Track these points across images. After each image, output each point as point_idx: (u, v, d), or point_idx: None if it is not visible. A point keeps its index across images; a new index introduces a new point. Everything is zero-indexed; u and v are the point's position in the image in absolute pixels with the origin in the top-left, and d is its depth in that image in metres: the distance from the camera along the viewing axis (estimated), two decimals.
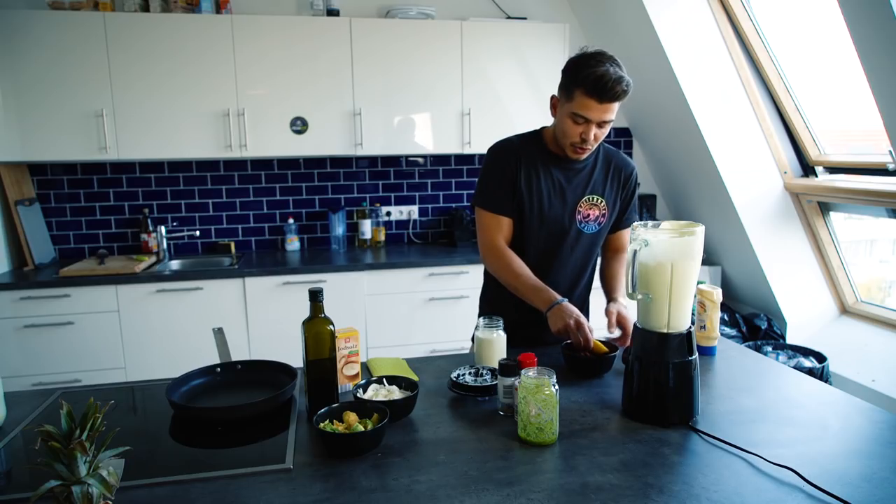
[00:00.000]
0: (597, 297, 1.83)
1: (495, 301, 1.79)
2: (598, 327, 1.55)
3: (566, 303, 1.52)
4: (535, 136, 1.72)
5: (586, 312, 1.84)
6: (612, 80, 1.48)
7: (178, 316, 2.99)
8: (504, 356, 1.46)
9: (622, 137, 4.03)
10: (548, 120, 1.71)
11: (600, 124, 1.55)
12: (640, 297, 1.23)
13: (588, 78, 1.49)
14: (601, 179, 1.71)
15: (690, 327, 1.23)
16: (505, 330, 1.49)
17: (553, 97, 1.64)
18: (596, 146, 1.67)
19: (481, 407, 1.31)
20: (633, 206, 1.81)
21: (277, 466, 1.06)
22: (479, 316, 1.84)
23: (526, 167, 1.66)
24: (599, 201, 1.71)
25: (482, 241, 1.71)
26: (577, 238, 1.71)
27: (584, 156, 1.63)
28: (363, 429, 1.12)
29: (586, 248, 1.75)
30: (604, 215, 1.73)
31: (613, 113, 1.55)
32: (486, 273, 1.85)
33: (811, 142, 3.06)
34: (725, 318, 3.32)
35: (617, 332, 1.60)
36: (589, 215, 1.71)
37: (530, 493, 0.97)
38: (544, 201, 1.66)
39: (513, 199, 1.67)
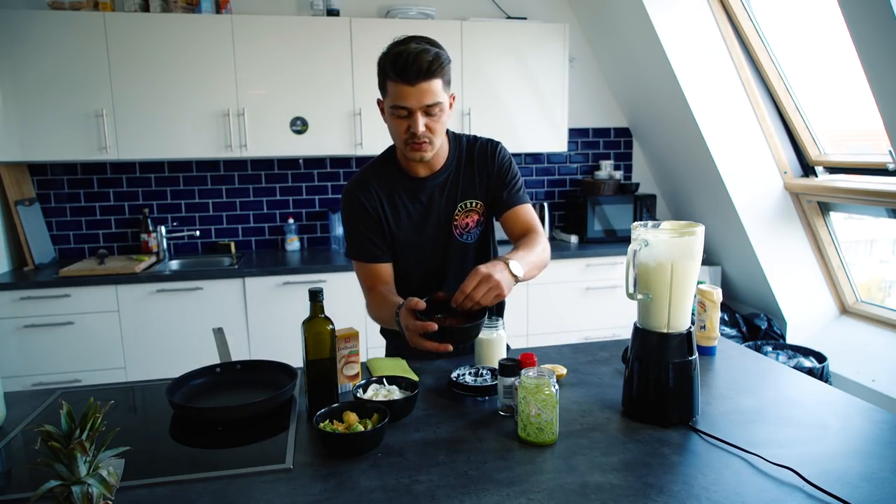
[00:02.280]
0: (601, 296, 1.83)
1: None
2: (600, 326, 1.54)
3: (400, 312, 1.33)
4: (388, 160, 1.55)
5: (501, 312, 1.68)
6: (412, 55, 1.31)
7: (178, 316, 2.99)
8: (504, 356, 1.46)
9: (622, 137, 4.03)
10: (546, 118, 1.71)
11: (426, 111, 1.37)
12: (640, 297, 1.23)
13: (388, 63, 1.34)
14: (470, 180, 1.55)
15: (690, 327, 1.23)
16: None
17: (378, 101, 1.48)
18: (448, 141, 1.53)
19: (481, 407, 1.31)
20: (513, 180, 1.57)
21: (277, 466, 1.06)
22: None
23: (389, 201, 1.52)
24: (475, 205, 1.56)
25: (363, 290, 1.60)
26: (462, 251, 1.58)
27: (424, 153, 1.42)
28: (363, 429, 1.12)
29: (474, 258, 1.60)
30: (483, 216, 1.59)
31: (436, 95, 1.35)
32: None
33: (811, 142, 3.07)
34: (725, 318, 3.32)
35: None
36: (468, 224, 1.56)
37: (530, 493, 0.97)
38: (416, 227, 1.54)
39: (384, 239, 1.54)
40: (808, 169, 3.13)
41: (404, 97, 1.35)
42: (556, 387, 1.14)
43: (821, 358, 2.96)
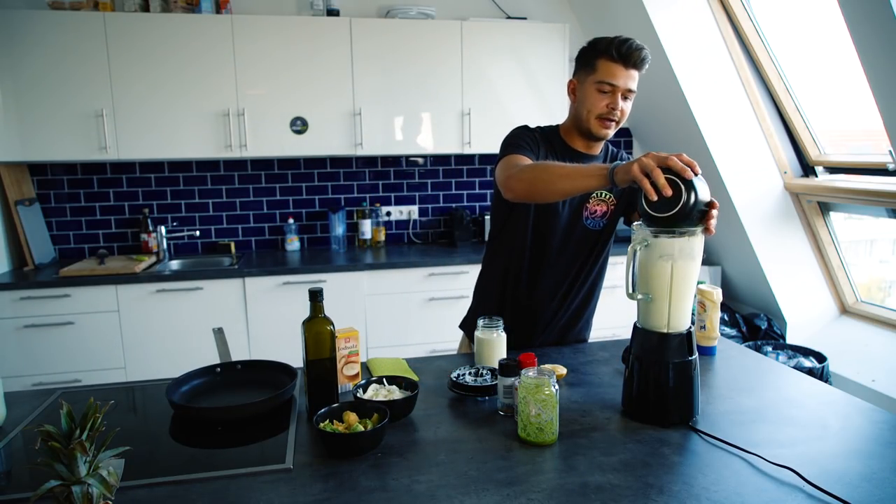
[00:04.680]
0: (602, 296, 1.83)
1: (488, 300, 1.77)
2: (600, 327, 1.55)
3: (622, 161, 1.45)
4: (553, 130, 1.71)
5: (589, 316, 1.83)
6: (635, 45, 1.51)
7: (178, 316, 2.99)
8: (504, 356, 1.46)
9: (622, 137, 4.03)
10: (546, 118, 1.71)
11: (624, 95, 1.55)
12: (640, 297, 1.23)
13: (612, 44, 1.51)
14: None
15: (690, 327, 1.23)
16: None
17: (570, 82, 1.63)
18: (620, 125, 1.63)
19: (481, 407, 1.31)
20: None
21: (277, 466, 1.06)
22: (469, 310, 1.85)
23: (545, 154, 1.64)
24: (608, 197, 1.70)
25: (509, 170, 1.50)
26: (583, 234, 1.70)
27: (609, 131, 1.60)
28: (363, 429, 1.12)
29: (588, 243, 1.72)
30: (611, 211, 1.72)
31: (636, 83, 1.55)
32: (481, 274, 1.83)
33: (811, 142, 3.07)
34: (725, 318, 3.32)
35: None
36: (596, 211, 1.69)
37: (530, 493, 0.97)
38: None
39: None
40: (808, 169, 3.13)
41: (616, 76, 1.52)
42: (556, 387, 1.14)
43: (821, 358, 2.96)
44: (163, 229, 3.39)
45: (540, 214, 1.66)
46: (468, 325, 1.84)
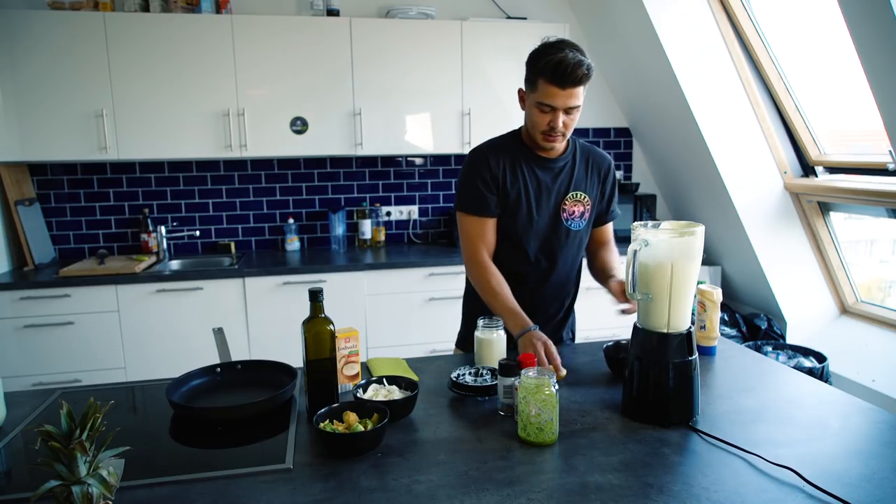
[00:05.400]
0: (601, 296, 1.83)
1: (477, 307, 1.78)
2: (600, 327, 1.55)
3: (537, 330, 1.49)
4: (516, 136, 1.72)
5: (572, 323, 1.87)
6: (571, 66, 1.47)
7: (178, 316, 2.99)
8: (504, 356, 1.46)
9: (622, 137, 4.03)
10: None
11: (567, 111, 1.55)
12: (640, 297, 1.23)
13: (548, 66, 1.49)
14: (582, 175, 1.72)
15: (690, 327, 1.23)
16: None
17: (520, 90, 1.64)
18: (569, 138, 1.68)
19: (481, 407, 1.31)
20: (615, 199, 1.82)
21: (277, 466, 1.06)
22: (463, 320, 1.86)
23: (511, 166, 1.65)
24: (583, 197, 1.71)
25: (466, 251, 1.68)
26: (566, 235, 1.71)
27: (556, 144, 1.62)
28: (363, 429, 1.12)
29: (575, 245, 1.75)
30: (588, 211, 1.74)
31: (579, 98, 1.54)
32: (467, 281, 1.84)
33: (811, 142, 3.07)
34: (725, 318, 3.32)
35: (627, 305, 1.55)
36: (574, 212, 1.71)
37: (530, 493, 0.97)
38: (532, 200, 1.66)
39: (498, 198, 1.65)
40: (808, 169, 3.13)
41: (553, 97, 1.52)
42: (556, 387, 1.14)
43: (821, 358, 2.96)
44: (163, 229, 3.39)
45: (517, 225, 1.67)
46: (463, 344, 1.84)
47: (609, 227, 1.86)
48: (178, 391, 1.34)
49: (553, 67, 1.48)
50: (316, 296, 1.25)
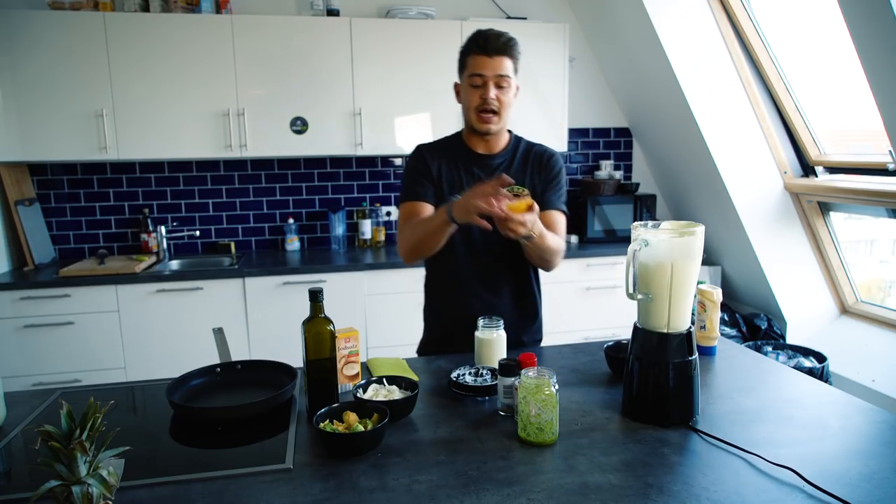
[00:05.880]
0: (601, 296, 1.83)
1: (441, 314, 1.78)
2: (600, 327, 1.55)
3: (457, 197, 1.48)
4: (455, 137, 1.76)
5: (537, 312, 1.81)
6: (493, 33, 1.58)
7: (178, 316, 2.99)
8: (504, 356, 1.46)
9: (622, 137, 4.03)
10: (546, 118, 1.72)
11: (498, 85, 1.59)
12: (640, 297, 1.23)
13: (472, 39, 1.61)
14: (520, 170, 1.72)
15: (690, 327, 1.23)
16: (451, 339, 1.50)
17: (455, 85, 1.72)
18: (512, 136, 1.72)
19: (481, 407, 1.31)
20: (558, 186, 1.74)
21: (277, 466, 1.06)
22: (425, 326, 1.84)
23: (448, 164, 1.70)
24: (522, 191, 1.67)
25: (399, 229, 1.69)
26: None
27: (491, 125, 1.63)
28: (363, 429, 1.12)
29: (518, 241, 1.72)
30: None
31: (507, 69, 1.59)
32: (426, 286, 1.83)
33: (811, 142, 3.07)
34: (725, 318, 3.32)
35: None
36: None
37: (530, 493, 0.97)
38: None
39: (434, 191, 1.69)
40: (808, 169, 3.13)
41: (482, 66, 1.58)
42: (556, 387, 1.14)
43: (821, 358, 2.96)
44: (163, 229, 3.39)
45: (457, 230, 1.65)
46: (424, 351, 1.83)
47: (549, 217, 1.70)
48: (178, 391, 1.34)
49: (476, 37, 1.59)
50: (316, 296, 1.25)
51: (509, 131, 1.77)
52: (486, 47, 1.57)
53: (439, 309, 1.80)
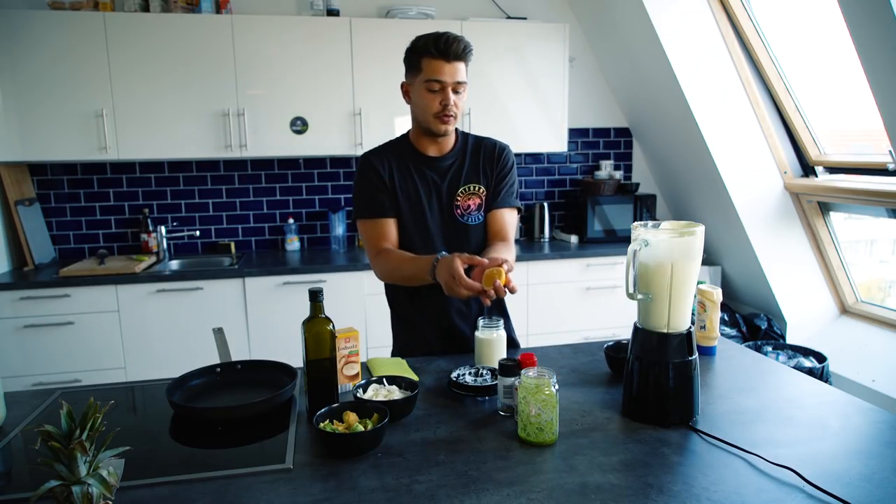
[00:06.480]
0: (601, 296, 1.83)
1: (410, 328, 1.75)
2: (600, 327, 1.55)
3: (441, 258, 1.44)
4: (403, 140, 1.71)
5: (504, 310, 1.78)
6: (451, 37, 1.53)
7: (178, 316, 2.99)
8: (504, 356, 1.46)
9: (622, 137, 4.03)
10: (546, 118, 1.72)
11: (455, 89, 1.57)
12: (640, 297, 1.23)
13: (429, 42, 1.54)
14: (472, 167, 1.69)
15: (690, 327, 1.23)
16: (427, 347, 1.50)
17: (403, 85, 1.65)
18: (458, 132, 1.69)
19: (481, 407, 1.31)
20: (508, 183, 1.72)
21: (277, 466, 1.06)
22: (393, 337, 1.81)
23: (399, 171, 1.65)
24: (478, 189, 1.68)
25: (369, 253, 1.66)
26: (464, 232, 1.67)
27: (449, 126, 1.60)
28: (363, 429, 1.12)
29: (477, 240, 1.69)
30: (484, 203, 1.70)
31: (464, 75, 1.57)
32: (392, 311, 1.80)
33: (811, 142, 3.07)
34: (725, 318, 3.32)
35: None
36: (469, 206, 1.68)
37: (530, 493, 0.97)
38: (423, 198, 1.65)
39: (390, 199, 1.64)
40: (808, 169, 3.13)
41: (442, 72, 1.54)
42: (556, 387, 1.14)
43: (821, 358, 2.96)
44: (163, 229, 3.39)
45: (411, 227, 1.65)
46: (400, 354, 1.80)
47: (502, 218, 1.71)
48: (178, 391, 1.34)
49: (434, 41, 1.53)
50: (316, 296, 1.25)
51: (455, 129, 1.72)
52: (446, 52, 1.52)
53: (407, 316, 1.75)
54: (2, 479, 1.08)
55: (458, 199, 1.67)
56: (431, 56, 1.53)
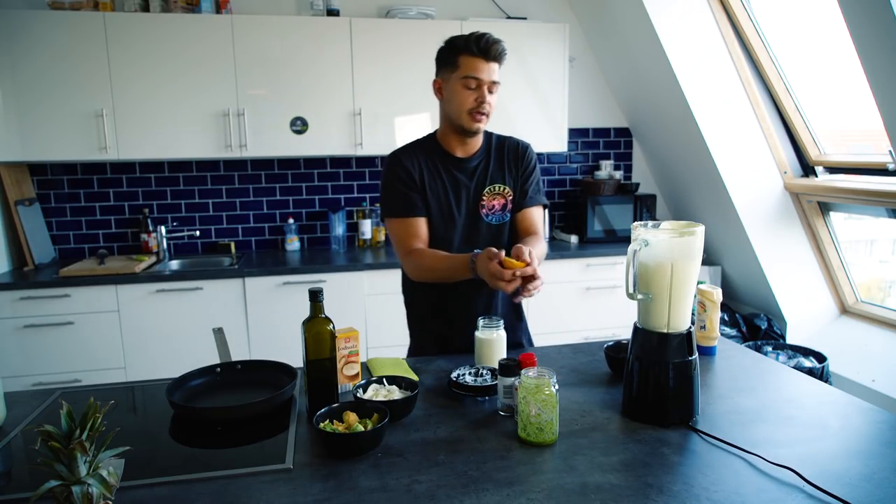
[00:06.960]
0: (601, 296, 1.83)
1: (424, 320, 1.79)
2: (600, 327, 1.55)
3: (479, 255, 1.45)
4: (430, 139, 1.73)
5: (525, 327, 1.86)
6: (491, 38, 1.57)
7: (178, 316, 2.99)
8: (504, 356, 1.46)
9: (622, 137, 4.03)
10: (546, 118, 1.72)
11: (490, 88, 1.59)
12: (640, 297, 1.23)
13: (470, 41, 1.56)
14: (497, 167, 1.72)
15: (690, 327, 1.23)
16: (438, 342, 1.51)
17: (435, 82, 1.66)
18: (490, 118, 1.67)
19: (481, 407, 1.31)
20: (534, 181, 1.75)
21: (277, 466, 1.06)
22: (410, 334, 1.86)
23: (427, 170, 1.66)
24: (503, 189, 1.71)
25: (399, 251, 1.66)
26: (488, 230, 1.70)
27: (482, 125, 1.63)
28: (363, 429, 1.12)
29: (501, 239, 1.72)
30: (510, 202, 1.72)
31: (498, 75, 1.60)
32: (406, 303, 1.83)
33: (811, 142, 3.07)
34: (725, 318, 3.32)
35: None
36: (494, 206, 1.70)
37: (530, 493, 0.97)
38: (451, 198, 1.67)
39: (421, 198, 1.65)
40: (808, 169, 3.13)
41: (480, 70, 1.57)
42: (556, 387, 1.14)
43: (821, 358, 2.96)
44: (163, 229, 3.39)
45: (438, 225, 1.67)
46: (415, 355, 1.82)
47: (532, 216, 1.75)
48: (178, 391, 1.34)
49: (476, 40, 1.55)
50: (316, 296, 1.25)
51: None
52: (487, 52, 1.55)
53: (425, 314, 1.78)
54: (2, 479, 1.08)
55: (484, 198, 1.69)
56: (471, 54, 1.56)
